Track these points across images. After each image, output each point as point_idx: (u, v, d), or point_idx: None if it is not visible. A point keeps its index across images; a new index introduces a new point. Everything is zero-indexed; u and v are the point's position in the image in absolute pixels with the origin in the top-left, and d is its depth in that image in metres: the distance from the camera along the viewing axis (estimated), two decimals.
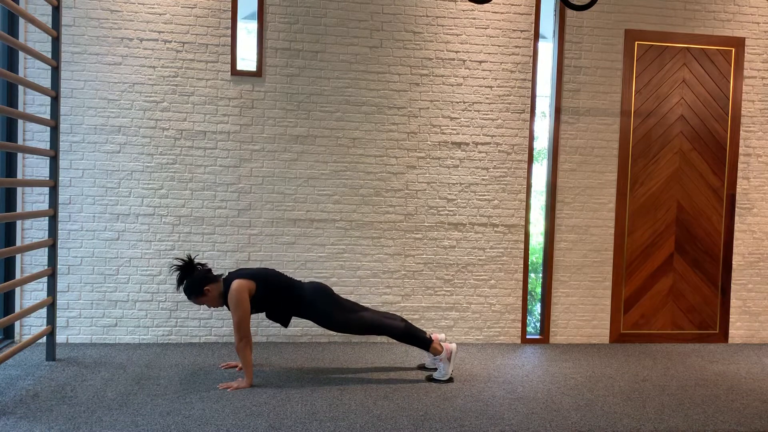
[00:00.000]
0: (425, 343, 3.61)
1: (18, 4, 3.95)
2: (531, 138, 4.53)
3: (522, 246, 4.55)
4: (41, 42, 4.05)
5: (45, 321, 4.02)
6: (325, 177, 4.36)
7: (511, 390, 3.46)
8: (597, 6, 4.49)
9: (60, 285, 4.13)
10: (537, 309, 5.14)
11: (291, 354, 4.07)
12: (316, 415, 2.98)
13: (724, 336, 4.79)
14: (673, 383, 3.70)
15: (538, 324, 4.89)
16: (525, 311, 4.57)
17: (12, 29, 4.07)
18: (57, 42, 3.72)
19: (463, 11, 4.44)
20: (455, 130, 4.46)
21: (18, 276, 4.13)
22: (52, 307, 3.79)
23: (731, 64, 4.71)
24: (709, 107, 4.70)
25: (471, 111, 4.47)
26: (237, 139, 4.28)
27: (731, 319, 4.79)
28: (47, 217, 3.98)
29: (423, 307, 4.48)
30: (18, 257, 4.15)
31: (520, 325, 4.56)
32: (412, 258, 4.45)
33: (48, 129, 4.03)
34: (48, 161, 4.03)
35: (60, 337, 4.13)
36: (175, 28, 4.21)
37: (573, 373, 3.83)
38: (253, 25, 4.32)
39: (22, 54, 4.10)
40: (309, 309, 3.55)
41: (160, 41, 4.20)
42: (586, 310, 4.63)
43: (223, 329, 4.30)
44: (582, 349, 4.44)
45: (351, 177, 4.38)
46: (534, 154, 4.62)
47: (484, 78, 4.47)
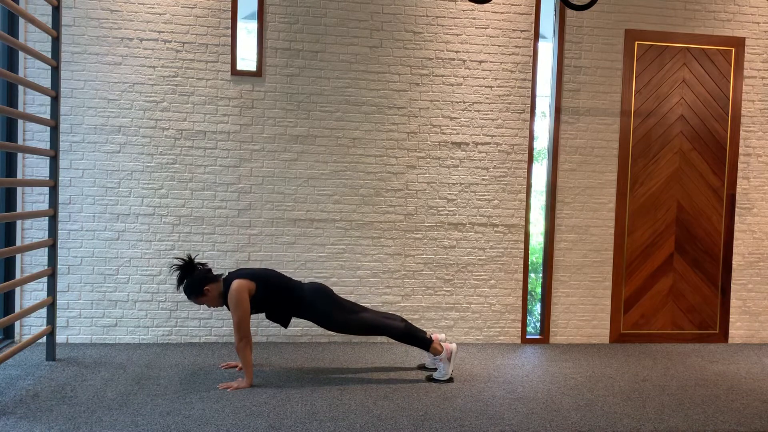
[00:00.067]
0: (425, 343, 3.61)
1: (18, 4, 3.95)
2: (531, 138, 4.53)
3: (522, 246, 4.55)
4: (41, 42, 4.05)
5: (45, 321, 4.02)
6: (325, 177, 4.36)
7: (511, 390, 3.46)
8: (597, 6, 4.49)
9: (60, 285, 4.13)
10: (537, 309, 5.14)
11: (291, 354, 4.07)
12: (316, 415, 2.98)
13: (724, 336, 4.79)
14: (673, 383, 3.70)
15: (538, 324, 4.89)
16: (525, 311, 4.57)
17: (12, 29, 4.07)
18: (57, 42, 3.72)
19: (463, 11, 4.44)
20: (455, 130, 4.46)
21: (18, 276, 4.13)
22: (52, 307, 3.79)
23: (731, 64, 4.71)
24: (709, 107, 4.70)
25: (471, 111, 4.47)
26: (237, 139, 4.28)
27: (731, 319, 4.79)
28: (47, 217, 3.98)
29: (423, 307, 4.48)
30: (18, 257, 4.15)
31: (520, 325, 4.56)
32: (412, 258, 4.45)
33: (48, 129, 4.03)
34: (48, 161, 4.03)
35: (60, 337, 4.14)
36: (175, 28, 4.21)
37: (573, 373, 3.83)
38: (253, 25, 4.32)
39: (22, 54, 4.10)
40: (309, 310, 3.55)
41: (160, 41, 4.20)
42: (586, 310, 4.63)
43: (223, 329, 4.30)
44: (582, 349, 4.44)
45: (351, 177, 4.38)
46: (534, 154, 4.62)
47: (484, 78, 4.47)
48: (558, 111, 4.54)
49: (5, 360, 3.21)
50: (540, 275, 4.91)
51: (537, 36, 4.50)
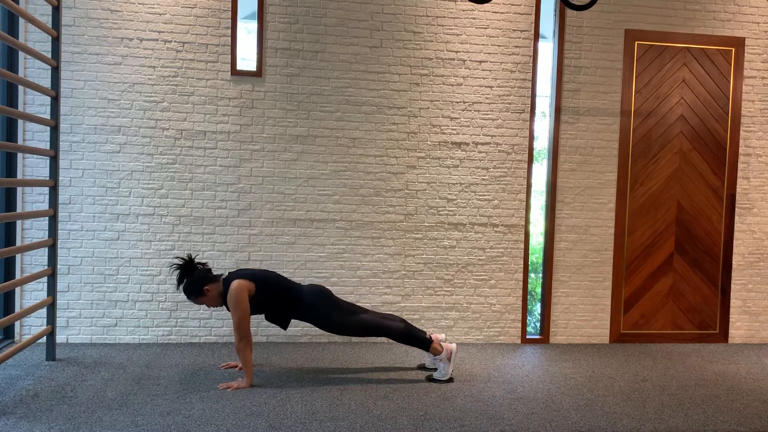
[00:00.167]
0: (425, 344, 3.61)
1: (18, 4, 3.95)
2: (531, 138, 4.53)
3: (522, 246, 4.55)
4: (41, 42, 4.05)
5: (45, 321, 4.02)
6: (325, 177, 4.36)
7: (511, 390, 3.46)
8: (597, 6, 4.49)
9: (60, 285, 4.13)
10: (537, 309, 5.14)
11: (291, 354, 4.07)
12: (316, 415, 2.98)
13: (724, 336, 4.79)
14: (673, 383, 3.70)
15: (538, 324, 4.89)
16: (525, 311, 4.57)
17: (12, 29, 4.07)
18: (57, 42, 3.72)
19: (463, 11, 4.44)
20: (455, 130, 4.46)
21: (18, 276, 4.13)
22: (52, 307, 3.79)
23: (731, 64, 4.71)
24: (709, 107, 4.70)
25: (471, 111, 4.47)
26: (237, 139, 4.28)
27: (731, 319, 4.79)
28: (47, 217, 3.98)
29: (423, 307, 4.48)
30: (18, 257, 4.15)
31: (520, 325, 4.56)
32: (412, 258, 4.45)
33: (48, 129, 4.03)
34: (48, 161, 4.03)
35: (60, 337, 4.14)
36: (175, 28, 4.21)
37: (573, 373, 3.83)
38: (253, 25, 4.32)
39: (22, 54, 4.10)
40: (308, 312, 3.54)
41: (160, 41, 4.20)
42: (586, 310, 4.63)
43: (223, 329, 4.30)
44: (582, 349, 4.44)
45: (351, 177, 4.38)
46: (534, 154, 4.62)
47: (484, 78, 4.47)
48: (558, 111, 4.54)
49: (5, 360, 3.21)
50: (540, 275, 4.91)
51: (537, 36, 4.50)
